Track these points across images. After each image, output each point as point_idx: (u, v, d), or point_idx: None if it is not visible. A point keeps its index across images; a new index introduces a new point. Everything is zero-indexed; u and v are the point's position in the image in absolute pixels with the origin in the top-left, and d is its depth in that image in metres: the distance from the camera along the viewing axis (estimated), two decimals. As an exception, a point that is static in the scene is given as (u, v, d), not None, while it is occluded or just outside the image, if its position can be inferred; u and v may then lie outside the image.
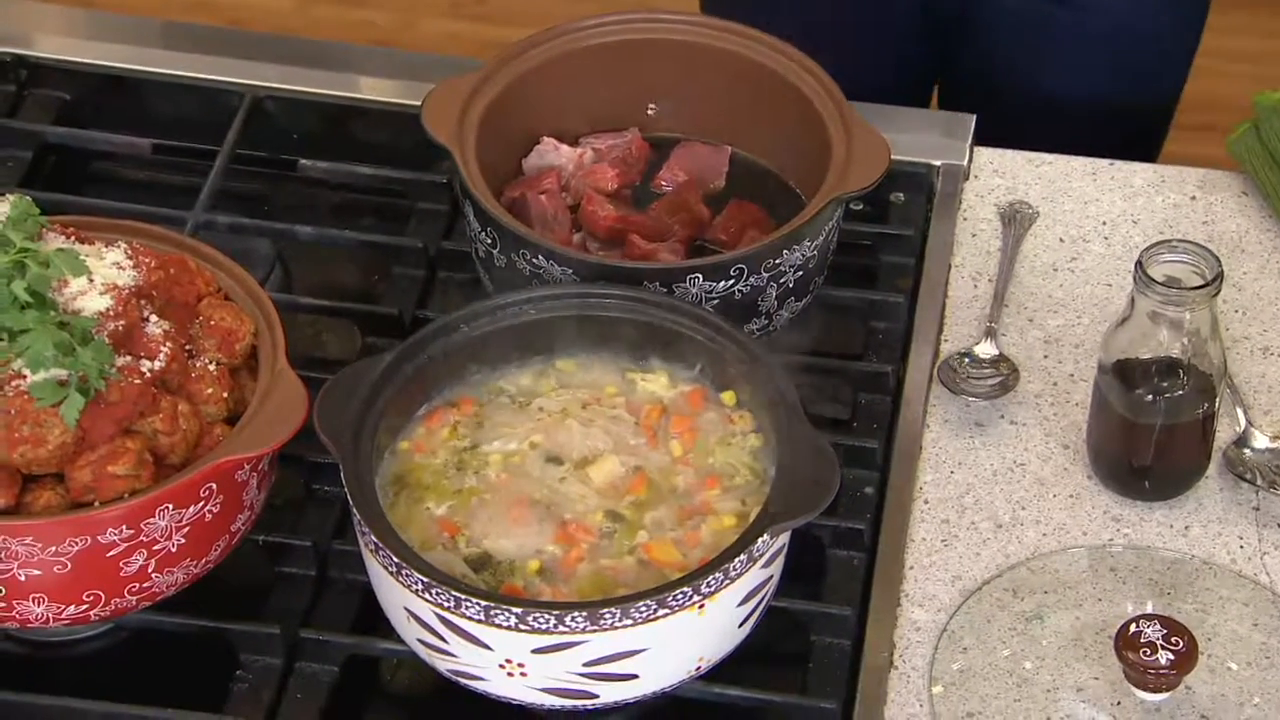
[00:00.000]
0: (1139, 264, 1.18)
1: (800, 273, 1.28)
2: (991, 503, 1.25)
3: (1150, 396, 1.20)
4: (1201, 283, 1.17)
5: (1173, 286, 1.17)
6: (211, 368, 1.15)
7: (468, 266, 1.34)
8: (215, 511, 1.12)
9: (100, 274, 1.12)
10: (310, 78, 1.49)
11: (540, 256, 1.24)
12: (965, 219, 1.42)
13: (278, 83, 1.48)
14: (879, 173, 1.28)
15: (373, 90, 1.50)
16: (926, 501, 1.25)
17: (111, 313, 1.11)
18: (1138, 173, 1.45)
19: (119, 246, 1.15)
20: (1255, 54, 2.78)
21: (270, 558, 1.21)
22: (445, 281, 1.37)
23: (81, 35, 1.51)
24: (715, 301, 1.25)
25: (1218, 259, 1.18)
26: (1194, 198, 1.43)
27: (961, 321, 1.36)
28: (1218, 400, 1.21)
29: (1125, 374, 1.21)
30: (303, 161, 1.44)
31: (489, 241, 1.28)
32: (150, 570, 1.10)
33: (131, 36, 1.51)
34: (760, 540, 1.08)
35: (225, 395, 1.14)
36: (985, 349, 1.32)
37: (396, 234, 1.40)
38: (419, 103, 1.38)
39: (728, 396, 1.20)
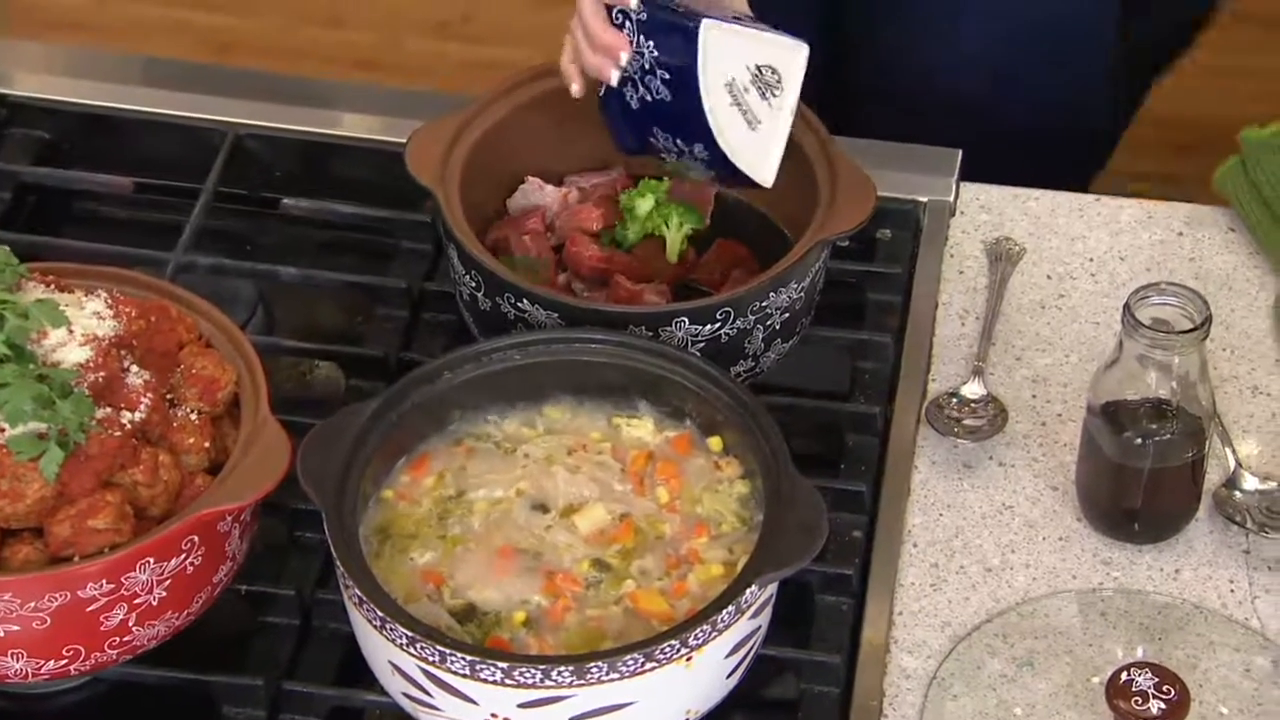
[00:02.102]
0: (1127, 307, 1.17)
1: (787, 314, 1.27)
2: (981, 546, 1.24)
3: (1139, 440, 1.20)
4: (1190, 326, 1.17)
5: (1161, 330, 1.16)
6: (193, 417, 1.14)
7: (452, 307, 1.33)
8: (197, 564, 1.10)
9: (80, 324, 1.11)
10: (293, 114, 1.48)
11: (525, 301, 1.23)
12: (952, 255, 1.42)
13: (260, 120, 1.47)
14: (865, 214, 1.27)
15: (356, 127, 1.49)
16: (915, 545, 1.24)
17: (91, 364, 1.09)
18: (1125, 208, 1.45)
19: (99, 295, 1.14)
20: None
21: (252, 607, 1.20)
22: (429, 323, 1.36)
23: (61, 73, 1.50)
24: (701, 345, 1.24)
25: (1206, 302, 1.17)
26: (1181, 234, 1.43)
27: (949, 360, 1.35)
28: (1207, 443, 1.20)
29: (1114, 417, 1.20)
30: (285, 201, 1.43)
31: (473, 285, 1.27)
32: (131, 624, 1.09)
33: (111, 74, 1.50)
34: (748, 591, 1.07)
35: (207, 445, 1.13)
36: (973, 389, 1.32)
37: (380, 274, 1.39)
38: (402, 139, 1.37)
39: (714, 442, 1.19)
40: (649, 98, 1.28)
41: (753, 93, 1.27)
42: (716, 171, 1.30)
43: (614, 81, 1.28)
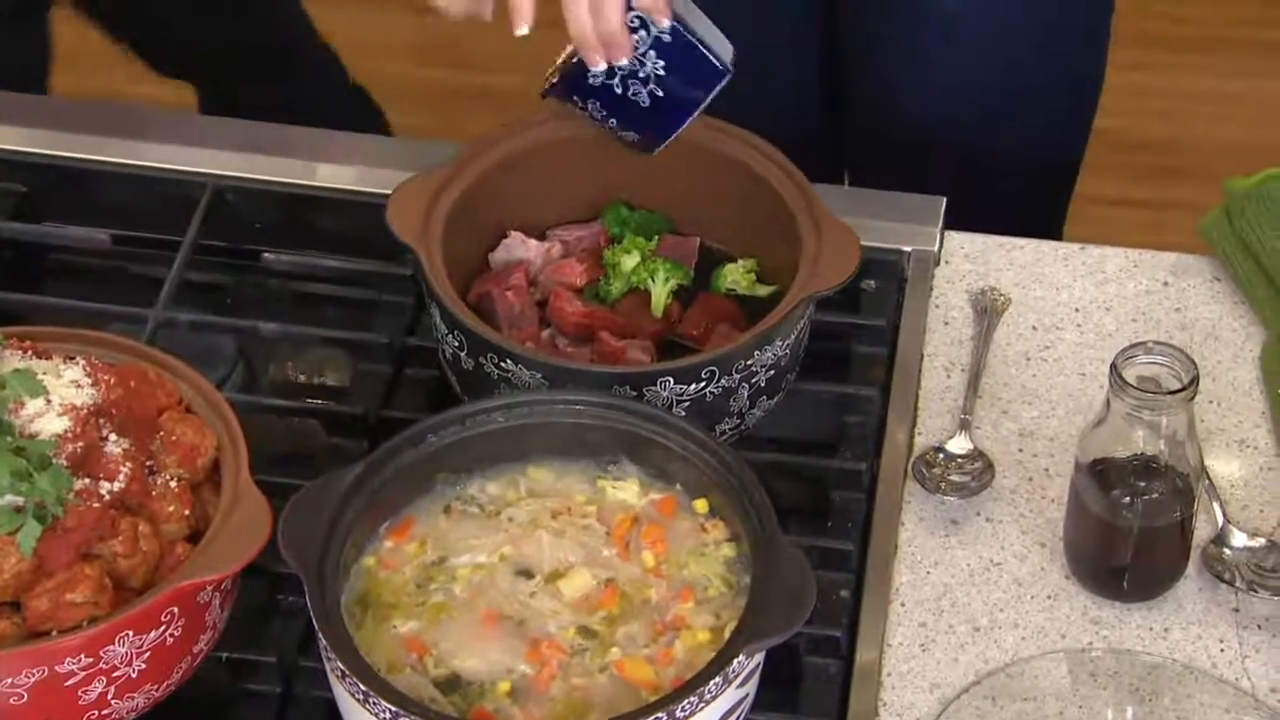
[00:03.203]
0: (1114, 367, 1.17)
1: (772, 372, 1.26)
2: (969, 605, 1.24)
3: (1127, 498, 1.19)
4: (1178, 386, 1.16)
5: (1148, 391, 1.16)
6: (173, 485, 1.12)
7: (434, 362, 1.32)
8: (177, 635, 1.09)
9: (58, 393, 1.10)
10: (273, 165, 1.47)
11: (509, 361, 1.22)
12: (937, 306, 1.41)
13: (239, 171, 1.46)
14: (850, 270, 1.26)
15: (337, 177, 1.47)
16: (903, 604, 1.23)
17: (70, 434, 1.08)
18: (1109, 258, 1.44)
19: (77, 363, 1.12)
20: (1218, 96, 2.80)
21: (233, 674, 1.18)
22: (411, 379, 1.35)
23: (36, 124, 1.49)
24: (687, 404, 1.23)
25: (1193, 362, 1.17)
26: (1166, 284, 1.42)
27: (935, 413, 1.34)
28: (1196, 502, 1.20)
29: (1102, 475, 1.20)
30: (266, 255, 1.42)
31: (456, 344, 1.25)
32: (110, 697, 1.07)
33: (88, 125, 1.49)
34: (735, 661, 1.06)
35: (187, 513, 1.12)
36: (959, 444, 1.31)
37: (362, 329, 1.38)
38: (384, 189, 1.35)
39: (700, 504, 1.18)
40: (618, 93, 1.26)
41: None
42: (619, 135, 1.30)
43: (596, 69, 1.25)
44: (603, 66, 1.25)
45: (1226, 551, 1.24)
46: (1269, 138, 2.75)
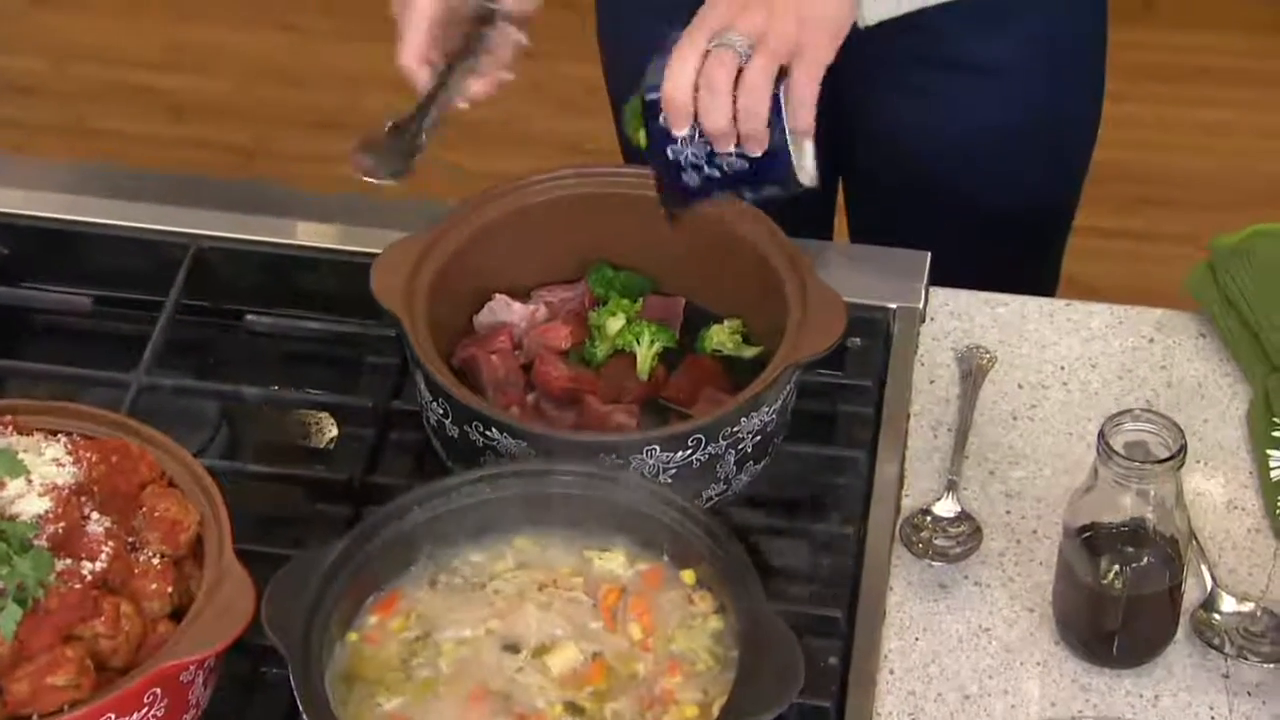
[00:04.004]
0: (1102, 435, 1.16)
1: (759, 437, 1.26)
2: (958, 672, 1.23)
3: (1117, 566, 1.18)
4: (1166, 454, 1.16)
5: (1136, 461, 1.15)
6: (155, 561, 1.11)
7: (419, 426, 1.31)
8: (160, 715, 1.08)
9: (39, 473, 1.09)
10: (255, 225, 1.46)
11: (494, 429, 1.21)
12: (923, 364, 1.41)
13: (222, 231, 1.45)
14: (836, 335, 1.26)
15: (320, 236, 1.47)
16: (892, 672, 1.23)
17: (51, 515, 1.07)
18: (1095, 314, 1.44)
19: (59, 440, 1.11)
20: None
21: (217, 750, 1.17)
22: (396, 443, 1.34)
23: (15, 185, 1.48)
24: (673, 471, 1.22)
25: (1181, 430, 1.16)
26: (1152, 340, 1.42)
27: (922, 474, 1.34)
28: (1185, 569, 1.19)
29: (1090, 542, 1.19)
30: (249, 316, 1.41)
31: (441, 412, 1.25)
32: (94, 780, 1.06)
33: (68, 185, 1.48)
34: (724, 740, 1.05)
35: (170, 590, 1.11)
36: (947, 506, 1.30)
37: (345, 391, 1.37)
38: (367, 248, 1.35)
39: (688, 575, 1.17)
40: (718, 173, 1.21)
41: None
42: (782, 191, 1.24)
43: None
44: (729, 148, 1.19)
45: (1216, 617, 1.23)
46: (1253, 169, 2.76)
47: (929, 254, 1.45)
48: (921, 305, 1.43)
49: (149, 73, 2.99)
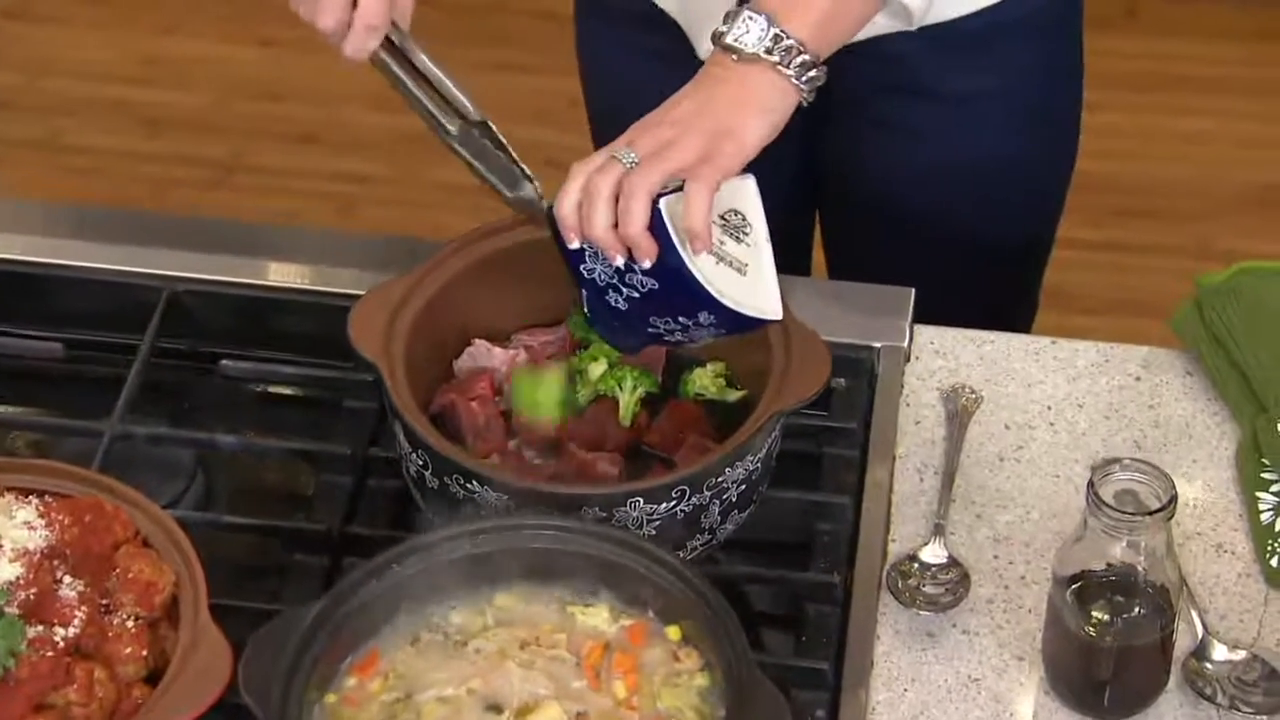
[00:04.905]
0: (1091, 485, 1.15)
1: (744, 486, 1.24)
2: (947, 724, 1.22)
3: (1107, 616, 1.17)
4: (1156, 505, 1.14)
5: (1126, 512, 1.14)
6: (130, 624, 1.09)
7: (398, 473, 1.29)
8: (136, 784, 1.06)
9: (10, 537, 1.07)
10: (230, 265, 1.44)
11: (474, 482, 1.19)
12: (908, 405, 1.39)
13: (196, 272, 1.43)
14: (820, 383, 1.24)
15: (296, 276, 1.44)
16: (879, 724, 1.21)
17: (22, 581, 1.05)
18: (1080, 352, 1.42)
19: (30, 503, 1.09)
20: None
21: (195, 813, 1.15)
22: (374, 490, 1.32)
23: (-14, 226, 1.46)
24: (657, 522, 1.20)
25: (1171, 480, 1.15)
26: (1139, 379, 1.40)
27: (908, 518, 1.32)
28: (1176, 618, 1.18)
29: (1081, 591, 1.18)
30: (224, 361, 1.39)
31: (420, 463, 1.23)
32: None
33: (38, 226, 1.45)
34: (711, 806, 1.04)
35: (144, 653, 1.09)
36: (934, 552, 1.29)
37: (323, 438, 1.34)
38: (344, 289, 1.33)
39: (673, 631, 1.15)
40: (636, 294, 1.20)
41: (729, 242, 1.22)
42: (727, 329, 1.22)
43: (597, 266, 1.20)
44: (618, 260, 1.17)
45: (1208, 666, 1.22)
46: (1234, 178, 2.75)
47: (913, 291, 1.44)
48: (906, 344, 1.41)
49: (125, 87, 2.96)
